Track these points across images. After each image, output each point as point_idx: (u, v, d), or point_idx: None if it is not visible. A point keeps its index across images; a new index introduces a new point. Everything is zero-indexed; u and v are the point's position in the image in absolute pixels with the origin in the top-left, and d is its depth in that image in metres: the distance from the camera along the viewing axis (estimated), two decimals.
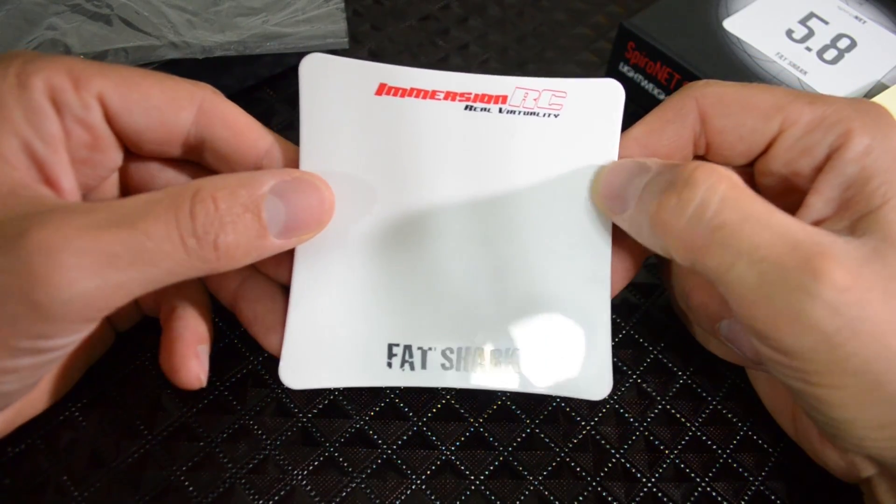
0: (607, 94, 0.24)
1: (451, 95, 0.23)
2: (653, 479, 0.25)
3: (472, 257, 0.24)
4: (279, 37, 0.33)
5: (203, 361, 0.23)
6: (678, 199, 0.20)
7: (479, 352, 0.24)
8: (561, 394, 0.24)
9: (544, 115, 0.24)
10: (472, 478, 0.25)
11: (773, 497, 0.25)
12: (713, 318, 0.23)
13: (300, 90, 0.23)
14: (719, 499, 0.25)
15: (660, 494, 0.25)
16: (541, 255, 0.24)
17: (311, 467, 0.25)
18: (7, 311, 0.17)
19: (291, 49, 0.33)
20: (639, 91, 0.36)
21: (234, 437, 0.25)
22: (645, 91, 0.36)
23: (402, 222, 0.23)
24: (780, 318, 0.18)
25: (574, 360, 0.24)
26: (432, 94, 0.23)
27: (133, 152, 0.22)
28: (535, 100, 0.24)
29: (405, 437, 0.26)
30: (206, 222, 0.19)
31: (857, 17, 0.36)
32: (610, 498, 0.25)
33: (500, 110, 0.24)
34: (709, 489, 0.25)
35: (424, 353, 0.23)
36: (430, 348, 0.24)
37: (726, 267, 0.19)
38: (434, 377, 0.23)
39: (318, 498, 0.24)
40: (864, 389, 0.18)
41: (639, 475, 0.26)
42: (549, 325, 0.24)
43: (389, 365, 0.23)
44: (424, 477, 0.25)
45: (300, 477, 0.25)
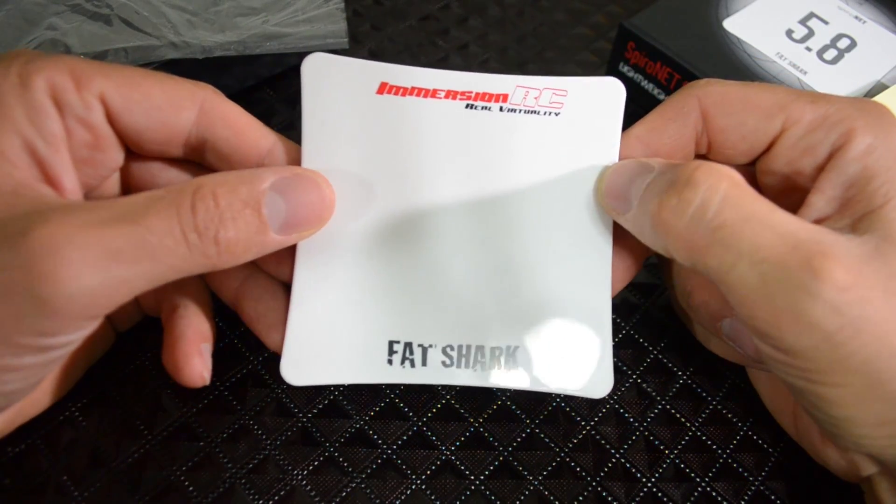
0: (608, 92, 0.24)
1: (451, 94, 0.23)
2: (653, 479, 0.25)
3: (473, 255, 0.24)
4: (279, 37, 0.33)
5: (206, 359, 0.23)
6: (679, 199, 0.20)
7: (480, 350, 0.24)
8: (562, 392, 0.24)
9: (545, 113, 0.24)
10: (472, 478, 0.25)
11: (773, 497, 0.25)
12: (715, 317, 0.23)
13: (302, 90, 0.23)
14: (719, 499, 0.25)
15: (660, 494, 0.25)
16: (541, 253, 0.24)
17: (311, 467, 0.25)
18: (11, 308, 0.17)
19: (291, 49, 0.33)
20: (639, 91, 0.36)
21: (234, 437, 0.25)
22: (645, 91, 0.36)
23: (404, 220, 0.24)
24: (782, 318, 0.18)
25: (575, 358, 0.24)
26: (433, 93, 0.23)
27: (134, 152, 0.23)
28: (536, 98, 0.24)
29: (405, 437, 0.26)
30: (207, 218, 0.19)
31: (857, 17, 0.36)
32: (610, 498, 0.25)
33: (501, 109, 0.24)
34: (709, 489, 0.25)
35: (425, 351, 0.23)
36: (430, 346, 0.24)
37: (727, 267, 0.19)
38: (435, 375, 0.23)
39: (318, 498, 0.24)
40: (865, 387, 0.18)
41: (639, 475, 0.26)
42: (550, 323, 0.24)
43: (390, 362, 0.23)
44: (424, 477, 0.25)
45: (300, 477, 0.25)
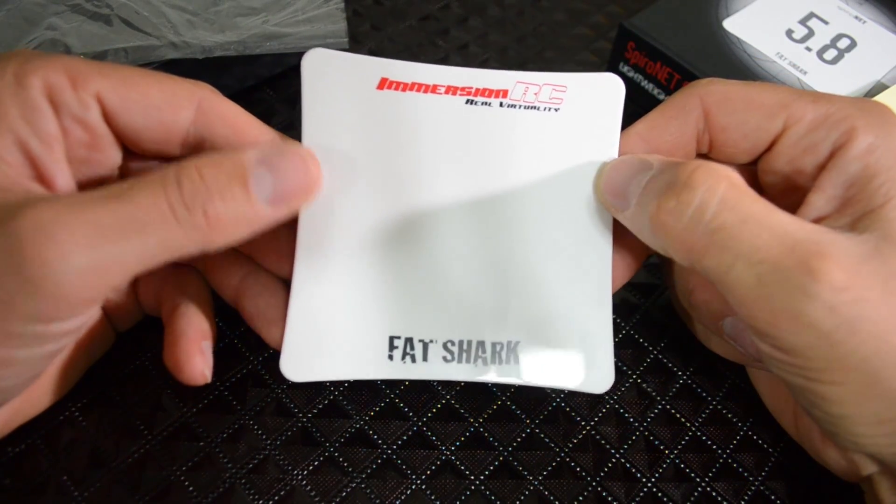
0: (607, 88, 0.24)
1: (452, 90, 0.23)
2: (653, 479, 0.25)
3: (474, 250, 0.24)
4: (279, 37, 0.33)
5: (207, 357, 0.23)
6: (677, 202, 0.20)
7: (481, 345, 0.24)
8: (563, 387, 0.24)
9: (545, 109, 0.24)
10: (472, 478, 0.25)
11: (773, 497, 0.25)
12: (716, 315, 0.23)
13: (302, 85, 0.23)
14: (719, 499, 0.25)
15: (660, 494, 0.25)
16: (541, 248, 0.24)
17: (311, 467, 0.25)
18: (1, 294, 0.17)
19: (291, 49, 0.33)
20: (639, 91, 0.36)
21: (234, 437, 0.25)
22: (645, 91, 0.36)
23: (404, 215, 0.24)
24: (779, 317, 0.18)
25: (576, 353, 0.24)
26: (433, 89, 0.23)
27: (132, 151, 0.22)
28: (536, 94, 0.24)
29: (405, 437, 0.26)
30: (194, 191, 0.19)
31: (857, 17, 0.36)
32: (610, 498, 0.25)
33: (501, 104, 0.24)
34: (709, 489, 0.25)
35: (426, 346, 0.23)
36: (431, 341, 0.24)
37: (725, 268, 0.19)
38: (435, 370, 0.23)
39: (318, 498, 0.24)
40: (864, 385, 0.19)
41: (639, 475, 0.26)
42: (551, 317, 0.24)
43: (391, 357, 0.23)
44: (424, 477, 0.25)
45: (300, 477, 0.25)
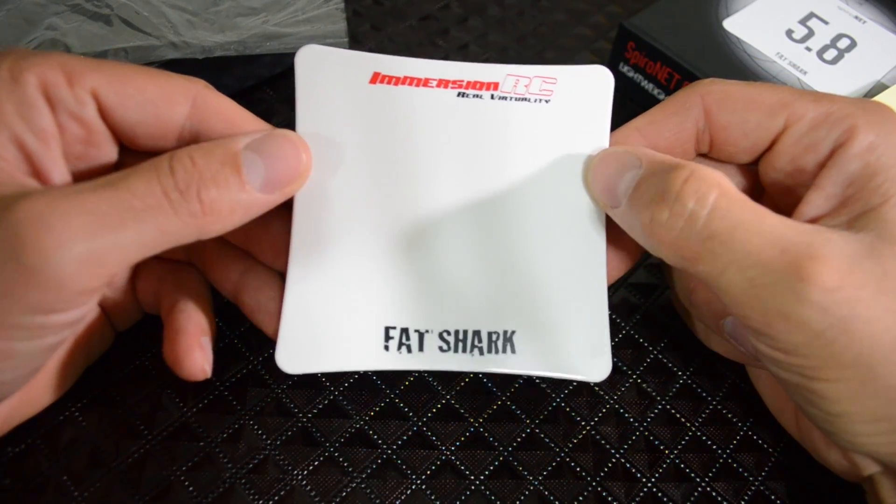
0: (597, 80, 0.24)
1: (443, 83, 0.24)
2: (653, 479, 0.25)
3: (468, 240, 0.24)
4: (279, 37, 0.33)
5: (207, 352, 0.23)
6: (669, 213, 0.20)
7: (477, 334, 0.24)
8: (560, 375, 0.24)
9: (535, 101, 0.24)
10: (472, 478, 0.25)
11: (773, 497, 0.25)
12: (717, 315, 0.23)
13: (296, 81, 0.23)
14: (719, 499, 0.25)
15: (660, 494, 0.25)
16: (536, 238, 0.24)
17: (311, 467, 0.25)
18: (1, 285, 0.17)
19: (291, 49, 0.33)
20: (639, 91, 0.36)
21: (234, 437, 0.25)
22: (645, 91, 0.36)
23: (398, 207, 0.24)
24: (772, 318, 0.19)
25: (572, 341, 0.24)
26: (425, 82, 0.24)
27: (128, 147, 0.23)
28: (527, 86, 0.24)
29: (405, 437, 0.26)
30: (187, 177, 0.19)
31: (857, 17, 0.36)
32: (610, 498, 0.25)
33: (492, 97, 0.24)
34: (709, 489, 0.25)
35: (422, 336, 0.24)
36: (427, 331, 0.24)
37: (717, 272, 0.19)
38: (432, 360, 0.23)
39: (318, 498, 0.24)
40: (859, 382, 0.19)
41: (639, 475, 0.26)
42: (547, 306, 0.24)
43: (387, 348, 0.23)
44: (424, 477, 0.25)
45: (300, 477, 0.25)
